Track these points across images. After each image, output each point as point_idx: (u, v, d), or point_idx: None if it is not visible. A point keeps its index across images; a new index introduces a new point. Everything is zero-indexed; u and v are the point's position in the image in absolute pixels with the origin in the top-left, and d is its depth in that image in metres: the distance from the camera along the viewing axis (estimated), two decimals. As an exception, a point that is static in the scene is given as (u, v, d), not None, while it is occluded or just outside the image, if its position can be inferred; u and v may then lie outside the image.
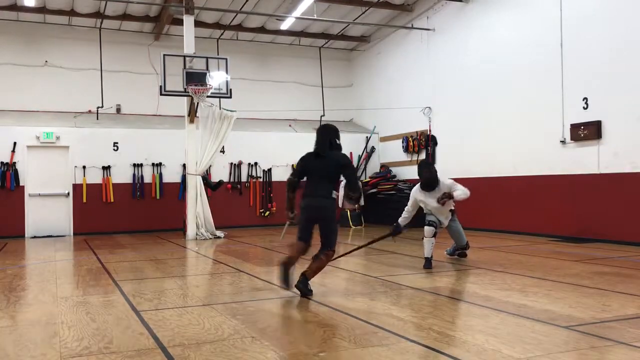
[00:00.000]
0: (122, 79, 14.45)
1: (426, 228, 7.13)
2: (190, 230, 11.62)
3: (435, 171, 7.30)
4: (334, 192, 5.55)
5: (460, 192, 6.95)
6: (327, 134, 5.71)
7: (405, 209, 7.29)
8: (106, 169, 13.30)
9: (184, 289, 5.96)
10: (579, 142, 9.68)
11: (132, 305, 5.00)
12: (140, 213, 13.44)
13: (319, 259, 5.48)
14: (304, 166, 5.69)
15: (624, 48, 8.95)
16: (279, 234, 12.38)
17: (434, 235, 7.12)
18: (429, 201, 7.12)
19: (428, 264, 6.98)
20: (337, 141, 5.71)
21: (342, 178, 5.67)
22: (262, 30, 15.08)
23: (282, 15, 13.65)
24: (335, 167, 5.55)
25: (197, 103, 11.57)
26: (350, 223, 13.80)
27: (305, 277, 5.40)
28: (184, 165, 12.88)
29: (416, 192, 7.23)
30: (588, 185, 9.59)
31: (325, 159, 5.58)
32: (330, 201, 5.51)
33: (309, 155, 5.73)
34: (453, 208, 7.41)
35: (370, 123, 16.02)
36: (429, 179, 7.13)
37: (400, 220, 7.23)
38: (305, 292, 5.33)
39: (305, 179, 5.68)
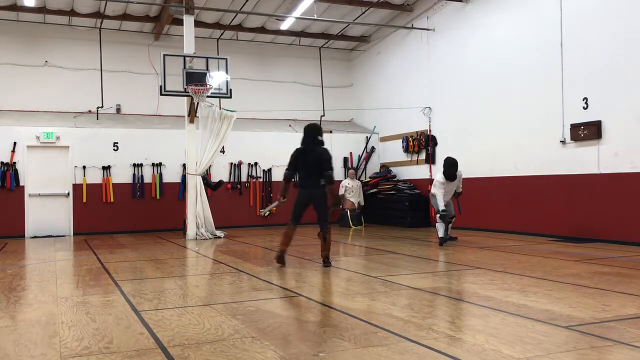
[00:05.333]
0: (122, 79, 14.46)
1: (438, 217, 9.21)
2: (190, 230, 11.62)
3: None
4: (321, 180, 6.91)
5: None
6: (311, 133, 7.04)
7: (436, 193, 9.05)
8: (106, 169, 13.30)
9: (184, 289, 5.96)
10: (579, 142, 9.68)
11: (132, 305, 5.00)
12: (140, 213, 13.45)
13: (325, 238, 7.03)
14: (296, 161, 7.08)
15: (624, 48, 8.95)
16: (279, 234, 12.38)
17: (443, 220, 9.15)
18: (448, 188, 9.25)
19: (443, 241, 9.11)
20: (320, 138, 7.02)
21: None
22: (262, 30, 15.08)
23: (282, 15, 13.65)
24: (318, 161, 6.90)
25: (197, 103, 11.56)
26: (350, 223, 13.76)
27: (326, 258, 7.09)
28: (184, 165, 12.88)
29: (441, 179, 9.17)
30: (588, 185, 9.59)
31: (312, 155, 6.93)
32: (320, 189, 6.97)
33: (297, 151, 7.08)
34: (460, 191, 9.65)
35: (370, 123, 16.02)
36: (454, 174, 9.19)
37: (440, 207, 9.04)
38: (330, 265, 7.07)
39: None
